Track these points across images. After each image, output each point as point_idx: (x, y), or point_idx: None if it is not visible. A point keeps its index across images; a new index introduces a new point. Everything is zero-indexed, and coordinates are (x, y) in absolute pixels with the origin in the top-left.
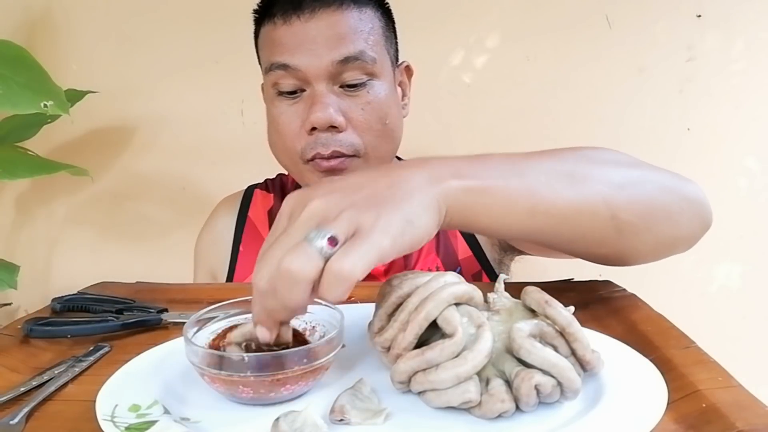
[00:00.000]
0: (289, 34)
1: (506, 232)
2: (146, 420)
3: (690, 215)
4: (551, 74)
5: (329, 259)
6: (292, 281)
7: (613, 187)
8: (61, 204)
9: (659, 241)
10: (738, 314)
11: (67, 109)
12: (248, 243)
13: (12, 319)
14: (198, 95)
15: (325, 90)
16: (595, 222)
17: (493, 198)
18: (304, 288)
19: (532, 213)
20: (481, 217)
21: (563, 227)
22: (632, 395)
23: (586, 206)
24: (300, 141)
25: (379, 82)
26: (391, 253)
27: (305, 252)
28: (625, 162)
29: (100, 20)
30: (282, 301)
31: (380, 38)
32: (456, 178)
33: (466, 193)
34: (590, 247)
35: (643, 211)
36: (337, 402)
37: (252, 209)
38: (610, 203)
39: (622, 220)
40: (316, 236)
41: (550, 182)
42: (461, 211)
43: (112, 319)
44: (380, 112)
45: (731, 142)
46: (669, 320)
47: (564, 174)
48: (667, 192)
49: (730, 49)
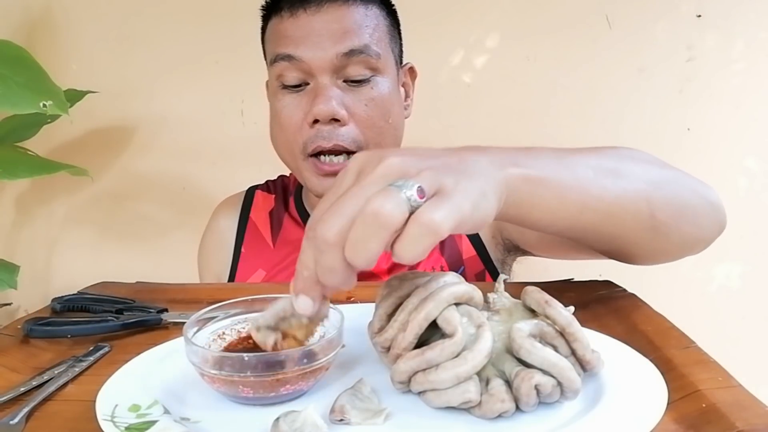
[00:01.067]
0: (295, 26)
1: (554, 225)
2: (146, 420)
3: (711, 218)
4: (551, 74)
5: (414, 211)
6: (379, 225)
7: (652, 186)
8: (61, 204)
9: (684, 242)
10: (738, 314)
11: (67, 109)
12: (250, 244)
13: (12, 319)
14: (198, 95)
15: (329, 83)
16: (636, 220)
17: (549, 190)
18: (388, 236)
19: (582, 208)
20: (534, 209)
21: (607, 224)
22: (632, 395)
23: (630, 204)
24: (302, 134)
25: (383, 79)
26: (468, 221)
27: (395, 197)
28: (657, 163)
29: (100, 20)
30: (354, 253)
31: (385, 36)
32: (516, 167)
33: (525, 182)
34: (624, 245)
35: (676, 211)
36: (337, 402)
37: (253, 210)
38: (650, 201)
39: (658, 219)
40: (405, 185)
41: (597, 178)
42: (518, 201)
43: (112, 319)
44: (383, 109)
45: (731, 142)
46: (669, 320)
47: (608, 170)
48: (696, 195)
49: (730, 49)
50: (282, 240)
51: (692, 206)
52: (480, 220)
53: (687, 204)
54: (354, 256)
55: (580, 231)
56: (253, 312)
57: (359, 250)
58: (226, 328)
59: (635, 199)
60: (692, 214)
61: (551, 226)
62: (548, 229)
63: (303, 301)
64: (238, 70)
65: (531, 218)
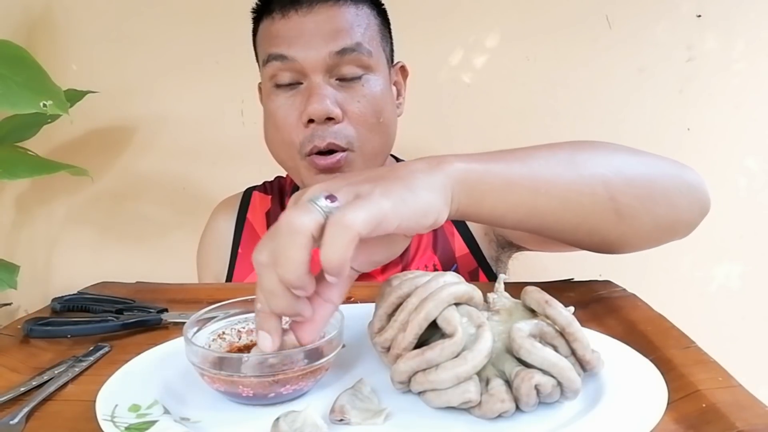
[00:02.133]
0: (286, 27)
1: (512, 216)
2: (146, 420)
3: (690, 199)
4: (551, 74)
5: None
6: (292, 232)
7: (611, 170)
8: (61, 204)
9: (658, 225)
10: (737, 314)
11: (67, 108)
12: (247, 245)
13: (12, 319)
14: (198, 95)
15: (322, 82)
16: (595, 204)
17: (497, 177)
18: (304, 241)
19: (534, 193)
20: (486, 198)
21: (565, 211)
22: (632, 395)
23: (585, 187)
24: (298, 134)
25: (375, 77)
26: (393, 216)
27: (305, 207)
28: (623, 149)
29: (100, 20)
30: (282, 266)
31: (376, 35)
32: (460, 161)
33: (469, 173)
34: (592, 232)
35: (641, 193)
36: (337, 402)
37: (250, 211)
38: (608, 185)
39: (620, 202)
40: (315, 197)
41: (549, 165)
42: (468, 192)
43: (112, 319)
44: (376, 106)
45: (731, 142)
46: (669, 320)
47: (562, 159)
48: (666, 176)
49: (730, 49)
50: None
51: (663, 188)
52: (416, 212)
53: (655, 185)
54: (282, 270)
55: (539, 219)
56: (253, 312)
57: (283, 262)
58: (226, 328)
59: (591, 183)
60: (662, 195)
61: (508, 215)
62: (506, 219)
63: (263, 337)
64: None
65: (485, 209)
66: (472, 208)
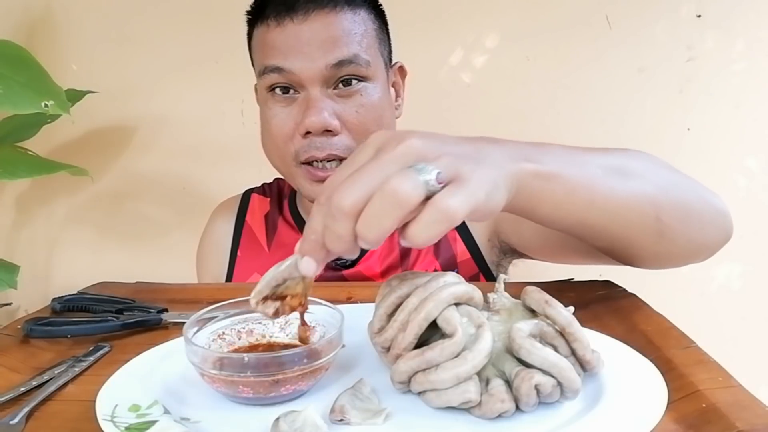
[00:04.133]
0: (282, 37)
1: (561, 221)
2: (146, 420)
3: (717, 225)
4: (551, 74)
5: (431, 195)
6: (395, 203)
7: (660, 190)
8: (61, 204)
9: (689, 247)
10: (738, 314)
11: (68, 108)
12: (246, 248)
13: (12, 319)
14: (198, 95)
15: (320, 94)
16: (642, 222)
17: (558, 186)
18: (402, 215)
19: (590, 206)
20: (543, 204)
21: (613, 224)
22: (632, 395)
23: (636, 204)
24: (293, 143)
25: (373, 85)
26: (481, 210)
27: (414, 179)
28: (666, 167)
29: (100, 20)
30: (367, 226)
31: (374, 41)
32: (528, 162)
33: (536, 177)
34: (629, 246)
35: (682, 216)
36: (337, 402)
37: (249, 214)
38: (656, 205)
39: (664, 223)
40: (424, 169)
41: (606, 177)
42: (527, 195)
43: (112, 319)
44: (374, 114)
45: (731, 142)
46: (669, 320)
47: (617, 171)
48: (701, 201)
49: (730, 49)
50: (277, 243)
51: (698, 212)
52: (490, 210)
53: (693, 209)
54: (365, 229)
55: (586, 228)
56: (253, 312)
57: (372, 225)
58: (226, 328)
59: (642, 201)
60: (698, 220)
61: (558, 221)
62: (555, 224)
63: (307, 262)
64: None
65: (539, 212)
66: (526, 210)
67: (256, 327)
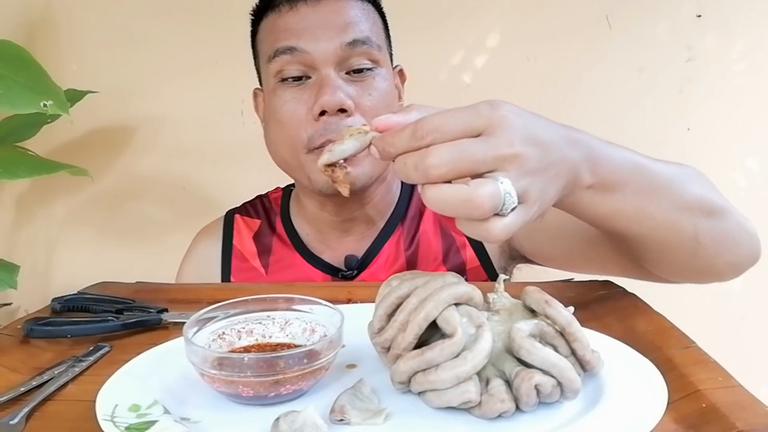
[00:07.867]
0: (296, 18)
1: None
2: (146, 420)
3: (749, 248)
4: (551, 74)
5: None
6: (468, 208)
7: (702, 212)
8: (61, 204)
9: (718, 268)
10: (738, 315)
11: (67, 108)
12: (240, 273)
13: (12, 319)
14: (198, 95)
15: (333, 74)
16: (680, 240)
17: (608, 199)
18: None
19: (634, 221)
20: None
21: (650, 240)
22: (632, 395)
23: (677, 224)
24: (306, 129)
25: (384, 72)
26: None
27: (498, 197)
28: (711, 186)
29: (100, 20)
30: (433, 195)
31: (381, 32)
32: (588, 173)
33: (587, 190)
34: (662, 260)
35: (719, 238)
36: (337, 402)
37: (236, 237)
38: (697, 226)
39: (701, 243)
40: (510, 193)
41: (655, 194)
42: (575, 201)
43: (112, 319)
44: (386, 101)
45: (731, 142)
46: (669, 320)
47: (665, 188)
48: (738, 225)
49: (730, 49)
50: (275, 266)
51: (734, 236)
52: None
53: (729, 233)
54: (430, 195)
55: (624, 240)
56: (253, 312)
57: (436, 199)
58: (226, 328)
59: (683, 222)
60: (732, 243)
61: (597, 226)
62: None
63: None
64: (238, 70)
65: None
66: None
67: (256, 327)
